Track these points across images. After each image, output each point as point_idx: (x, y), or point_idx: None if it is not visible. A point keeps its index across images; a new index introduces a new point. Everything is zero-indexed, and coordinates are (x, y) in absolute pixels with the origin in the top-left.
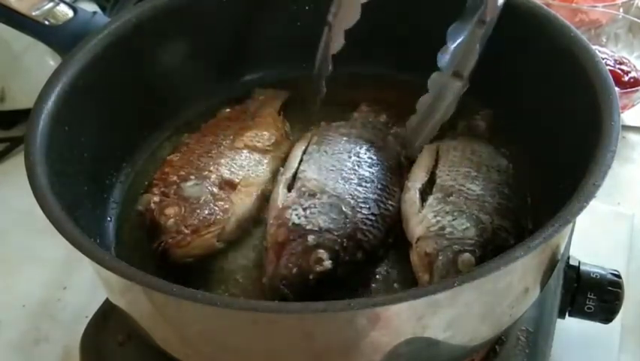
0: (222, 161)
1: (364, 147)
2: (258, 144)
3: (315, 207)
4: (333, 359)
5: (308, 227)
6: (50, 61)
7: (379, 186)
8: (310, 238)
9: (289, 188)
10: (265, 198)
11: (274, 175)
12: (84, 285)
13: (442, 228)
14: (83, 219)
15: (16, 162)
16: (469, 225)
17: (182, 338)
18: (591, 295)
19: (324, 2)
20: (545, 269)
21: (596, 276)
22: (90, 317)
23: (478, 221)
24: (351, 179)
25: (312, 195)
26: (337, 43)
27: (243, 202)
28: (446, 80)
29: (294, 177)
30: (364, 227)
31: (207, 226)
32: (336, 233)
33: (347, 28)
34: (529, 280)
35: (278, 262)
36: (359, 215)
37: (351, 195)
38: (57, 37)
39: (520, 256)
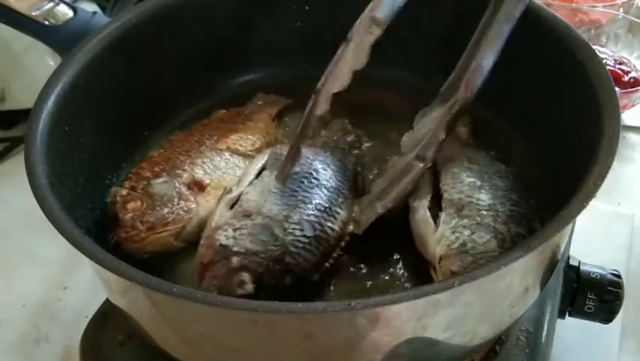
0: (199, 161)
1: (314, 168)
2: (241, 148)
3: (246, 228)
4: (333, 359)
5: (234, 248)
6: (50, 61)
7: (320, 208)
8: (234, 259)
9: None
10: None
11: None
12: (84, 285)
13: (464, 244)
14: (82, 219)
15: (16, 162)
16: (488, 237)
17: (182, 338)
18: (591, 295)
19: (324, 2)
20: (545, 269)
21: (596, 276)
22: (90, 317)
23: (496, 232)
24: (290, 201)
25: (247, 215)
26: (322, 107)
27: (208, 204)
28: (406, 162)
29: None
30: (294, 250)
31: (165, 224)
32: (262, 255)
33: (335, 92)
34: (529, 280)
35: (200, 285)
36: (290, 237)
37: (285, 216)
38: (57, 37)
39: (520, 256)
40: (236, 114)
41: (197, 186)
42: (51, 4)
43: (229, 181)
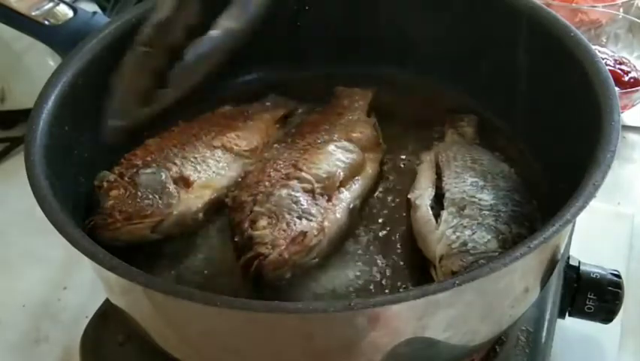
0: (190, 156)
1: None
2: (235, 147)
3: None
4: (333, 359)
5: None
6: (50, 61)
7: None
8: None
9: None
10: (219, 203)
11: (237, 181)
12: (84, 285)
13: (464, 243)
14: (82, 219)
15: (16, 162)
16: (489, 237)
17: (182, 338)
18: (591, 295)
19: (323, 3)
20: (545, 269)
21: (596, 276)
22: (90, 317)
23: (498, 232)
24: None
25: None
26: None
27: (190, 202)
28: None
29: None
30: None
31: (143, 216)
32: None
33: None
34: (529, 280)
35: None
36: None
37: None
38: (57, 37)
39: (520, 256)
40: (239, 112)
41: (184, 182)
42: (51, 4)
43: (218, 181)
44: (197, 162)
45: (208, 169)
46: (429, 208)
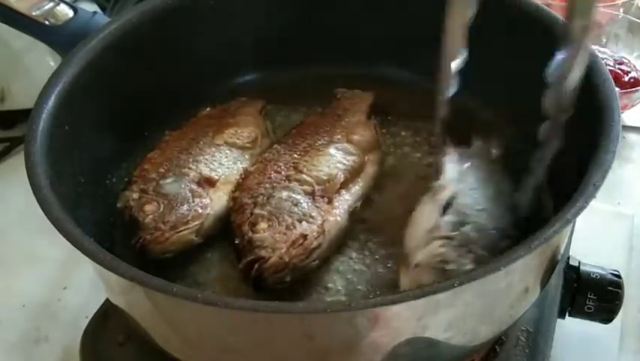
0: (201, 158)
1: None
2: (238, 141)
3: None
4: (333, 359)
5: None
6: (50, 61)
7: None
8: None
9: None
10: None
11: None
12: (84, 285)
13: (446, 262)
14: (82, 219)
15: (16, 162)
16: (467, 261)
17: (182, 338)
18: (591, 295)
19: (321, 3)
20: (545, 269)
21: (596, 276)
22: (90, 317)
23: (475, 257)
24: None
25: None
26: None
27: (220, 199)
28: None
29: None
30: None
31: (185, 222)
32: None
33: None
34: (530, 280)
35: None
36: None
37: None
38: (57, 37)
39: (520, 256)
40: (223, 111)
41: (208, 183)
42: (51, 4)
43: (234, 175)
44: (210, 162)
45: (222, 166)
46: (441, 205)
